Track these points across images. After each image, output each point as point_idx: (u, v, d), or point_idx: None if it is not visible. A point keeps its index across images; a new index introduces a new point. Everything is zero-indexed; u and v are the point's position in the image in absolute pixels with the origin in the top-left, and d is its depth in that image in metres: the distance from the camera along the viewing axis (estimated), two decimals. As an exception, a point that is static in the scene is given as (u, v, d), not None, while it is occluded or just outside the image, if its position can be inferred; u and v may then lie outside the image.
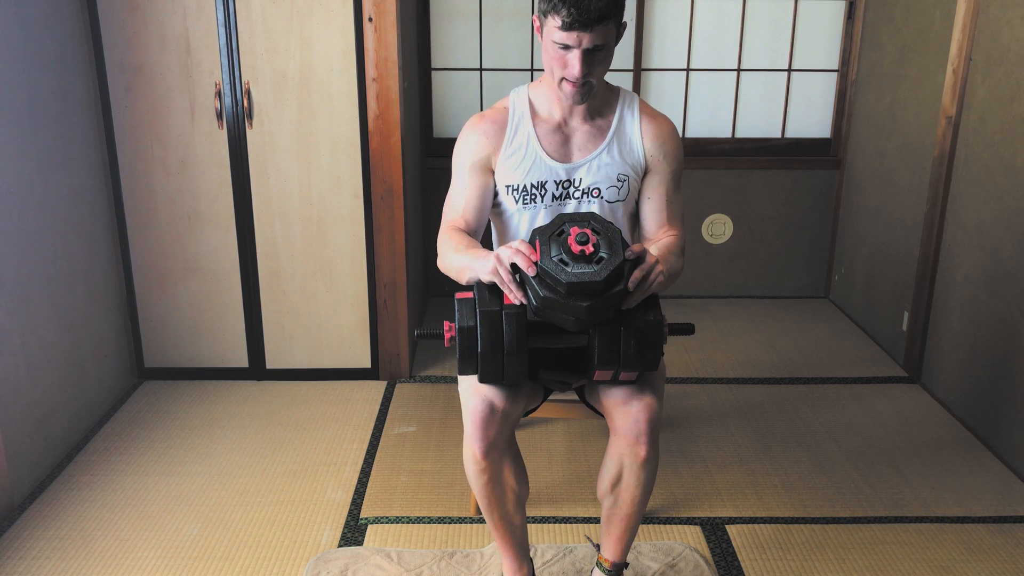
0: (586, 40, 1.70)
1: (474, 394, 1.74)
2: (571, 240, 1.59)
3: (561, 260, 1.57)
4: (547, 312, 1.60)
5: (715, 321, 3.74)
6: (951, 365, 2.94)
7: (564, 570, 2.10)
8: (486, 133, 1.89)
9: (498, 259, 1.64)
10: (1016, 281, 2.57)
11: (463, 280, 1.78)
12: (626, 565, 1.95)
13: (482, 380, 1.70)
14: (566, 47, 1.72)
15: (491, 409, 1.72)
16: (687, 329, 1.79)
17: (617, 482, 1.80)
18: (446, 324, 1.70)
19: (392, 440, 2.73)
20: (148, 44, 2.78)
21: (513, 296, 1.64)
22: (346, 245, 2.99)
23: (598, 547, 1.95)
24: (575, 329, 1.63)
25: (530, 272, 1.59)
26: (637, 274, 1.61)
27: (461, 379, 1.88)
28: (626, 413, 1.74)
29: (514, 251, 1.62)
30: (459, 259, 1.78)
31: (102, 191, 2.88)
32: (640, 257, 1.63)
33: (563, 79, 1.77)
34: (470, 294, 1.69)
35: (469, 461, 1.76)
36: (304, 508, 2.37)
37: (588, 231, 1.60)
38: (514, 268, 1.64)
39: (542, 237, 1.61)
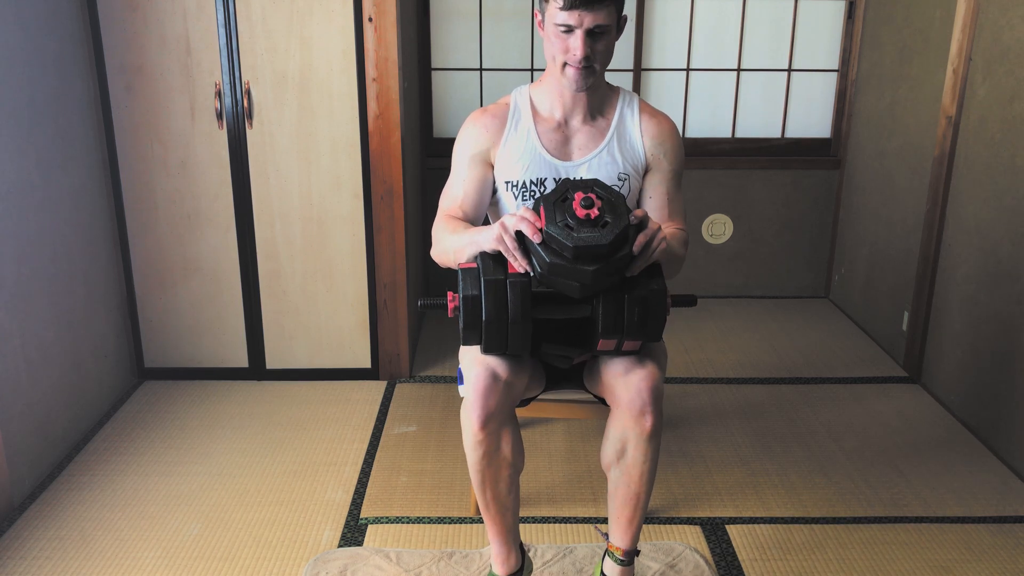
0: (587, 20, 1.71)
1: (477, 363, 1.74)
2: (576, 205, 1.59)
3: (566, 225, 1.58)
4: (553, 279, 1.61)
5: (715, 321, 3.74)
6: (951, 365, 2.94)
7: (564, 570, 2.10)
8: (487, 127, 1.90)
9: (503, 227, 1.64)
10: (1016, 281, 2.57)
11: (461, 260, 1.77)
12: (638, 552, 1.91)
13: (485, 351, 1.69)
14: (568, 29, 1.73)
15: (494, 378, 1.71)
16: (690, 301, 1.79)
17: (622, 456, 1.78)
18: (449, 294, 1.70)
19: (392, 440, 2.73)
20: (148, 44, 2.78)
21: (518, 264, 1.64)
22: (346, 245, 2.99)
23: (607, 536, 1.92)
24: (580, 296, 1.63)
25: (536, 239, 1.59)
26: (641, 239, 1.61)
27: (463, 350, 1.87)
28: (627, 383, 1.73)
29: (519, 218, 1.62)
30: (458, 239, 1.78)
31: (102, 191, 2.88)
32: (643, 222, 1.64)
33: (565, 64, 1.77)
34: (474, 264, 1.69)
35: (467, 433, 1.74)
36: (304, 508, 2.37)
37: (592, 196, 1.60)
38: (518, 236, 1.64)
39: (547, 204, 1.62)
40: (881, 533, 2.27)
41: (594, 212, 1.58)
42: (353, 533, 2.26)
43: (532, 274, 1.64)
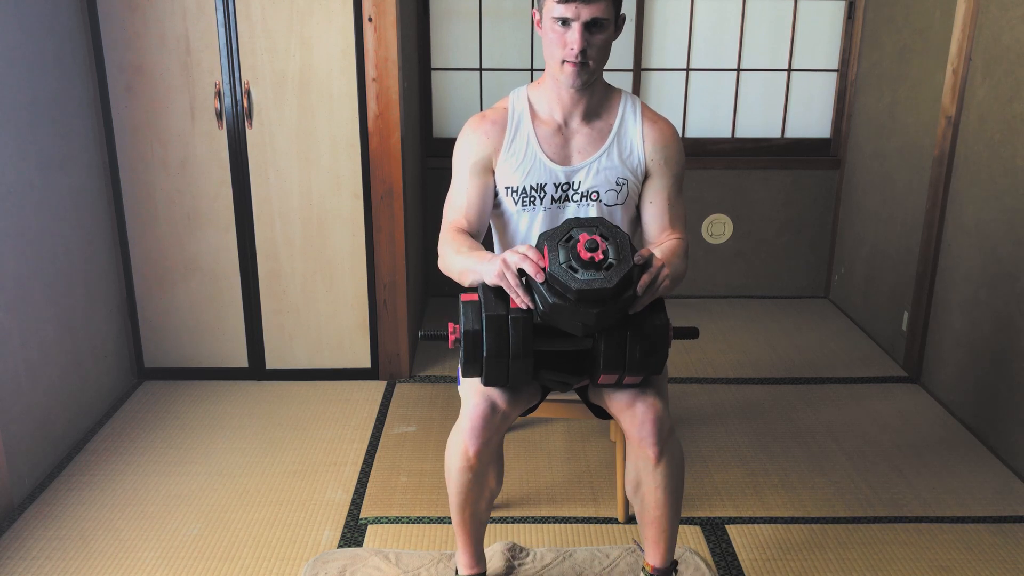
0: (584, 12, 1.71)
1: (477, 392, 1.74)
2: (580, 247, 1.57)
3: (570, 266, 1.56)
4: (555, 318, 1.59)
5: (715, 321, 3.74)
6: (951, 365, 2.94)
7: (564, 573, 2.10)
8: (487, 133, 1.89)
9: (504, 263, 1.62)
10: (1016, 281, 2.57)
11: (465, 282, 1.77)
12: (675, 569, 1.91)
13: (486, 383, 1.70)
14: (565, 23, 1.73)
15: (493, 410, 1.72)
16: (691, 333, 1.78)
17: (639, 485, 1.81)
18: (450, 326, 1.69)
19: (392, 440, 2.73)
20: (148, 44, 2.78)
21: (520, 301, 1.63)
22: (346, 245, 2.99)
23: (642, 549, 1.94)
24: (582, 335, 1.62)
25: (538, 279, 1.57)
26: (645, 278, 1.60)
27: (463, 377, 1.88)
28: (632, 417, 1.75)
29: (521, 256, 1.60)
30: (462, 261, 1.77)
31: (102, 191, 2.88)
32: (647, 261, 1.62)
33: (563, 60, 1.77)
34: (475, 296, 1.68)
35: (457, 456, 1.75)
36: (304, 508, 2.37)
37: (597, 237, 1.58)
38: (520, 272, 1.63)
39: (550, 243, 1.59)
40: (881, 533, 2.27)
41: (599, 255, 1.56)
42: (353, 533, 2.26)
43: (534, 310, 1.63)
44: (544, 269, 1.57)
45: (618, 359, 1.64)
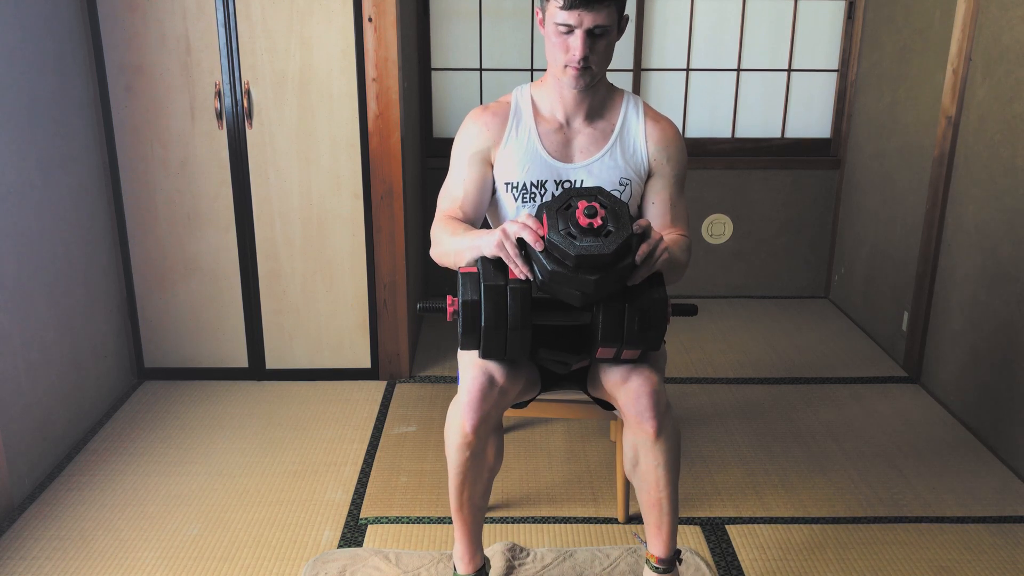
0: (587, 19, 1.70)
1: (474, 365, 1.73)
2: (579, 214, 1.57)
3: (569, 234, 1.56)
4: (554, 287, 1.60)
5: (715, 321, 3.74)
6: (951, 365, 2.94)
7: (564, 573, 2.09)
8: (488, 125, 1.89)
9: (504, 233, 1.63)
10: (1016, 281, 2.57)
11: (461, 263, 1.76)
12: (679, 559, 1.89)
13: (484, 355, 1.69)
14: (568, 29, 1.73)
15: (491, 382, 1.71)
16: (690, 310, 1.79)
17: (636, 464, 1.79)
18: (448, 298, 1.69)
19: (392, 440, 2.73)
20: (148, 44, 2.78)
21: (519, 271, 1.63)
22: (346, 245, 2.99)
23: (644, 543, 1.91)
24: (581, 304, 1.62)
25: (538, 247, 1.58)
26: (644, 248, 1.60)
27: (461, 351, 1.87)
28: (627, 391, 1.73)
29: (521, 225, 1.61)
30: (458, 241, 1.76)
31: (102, 191, 2.88)
32: (646, 232, 1.63)
33: (565, 65, 1.76)
34: (474, 269, 1.68)
35: (454, 433, 1.74)
36: (304, 508, 2.37)
37: (596, 204, 1.59)
38: (520, 244, 1.63)
39: (549, 211, 1.60)
40: (881, 533, 2.27)
41: (597, 221, 1.56)
42: (353, 533, 2.26)
43: (533, 281, 1.63)
44: (543, 237, 1.58)
45: (616, 331, 1.64)
